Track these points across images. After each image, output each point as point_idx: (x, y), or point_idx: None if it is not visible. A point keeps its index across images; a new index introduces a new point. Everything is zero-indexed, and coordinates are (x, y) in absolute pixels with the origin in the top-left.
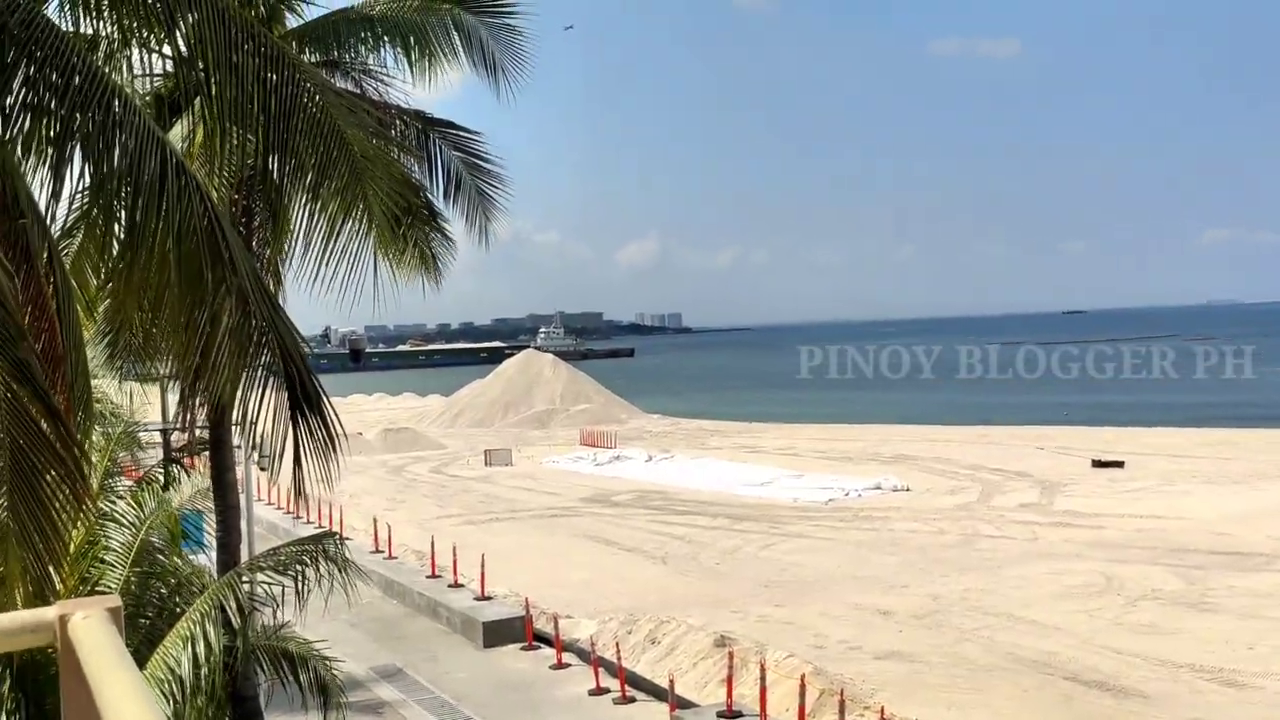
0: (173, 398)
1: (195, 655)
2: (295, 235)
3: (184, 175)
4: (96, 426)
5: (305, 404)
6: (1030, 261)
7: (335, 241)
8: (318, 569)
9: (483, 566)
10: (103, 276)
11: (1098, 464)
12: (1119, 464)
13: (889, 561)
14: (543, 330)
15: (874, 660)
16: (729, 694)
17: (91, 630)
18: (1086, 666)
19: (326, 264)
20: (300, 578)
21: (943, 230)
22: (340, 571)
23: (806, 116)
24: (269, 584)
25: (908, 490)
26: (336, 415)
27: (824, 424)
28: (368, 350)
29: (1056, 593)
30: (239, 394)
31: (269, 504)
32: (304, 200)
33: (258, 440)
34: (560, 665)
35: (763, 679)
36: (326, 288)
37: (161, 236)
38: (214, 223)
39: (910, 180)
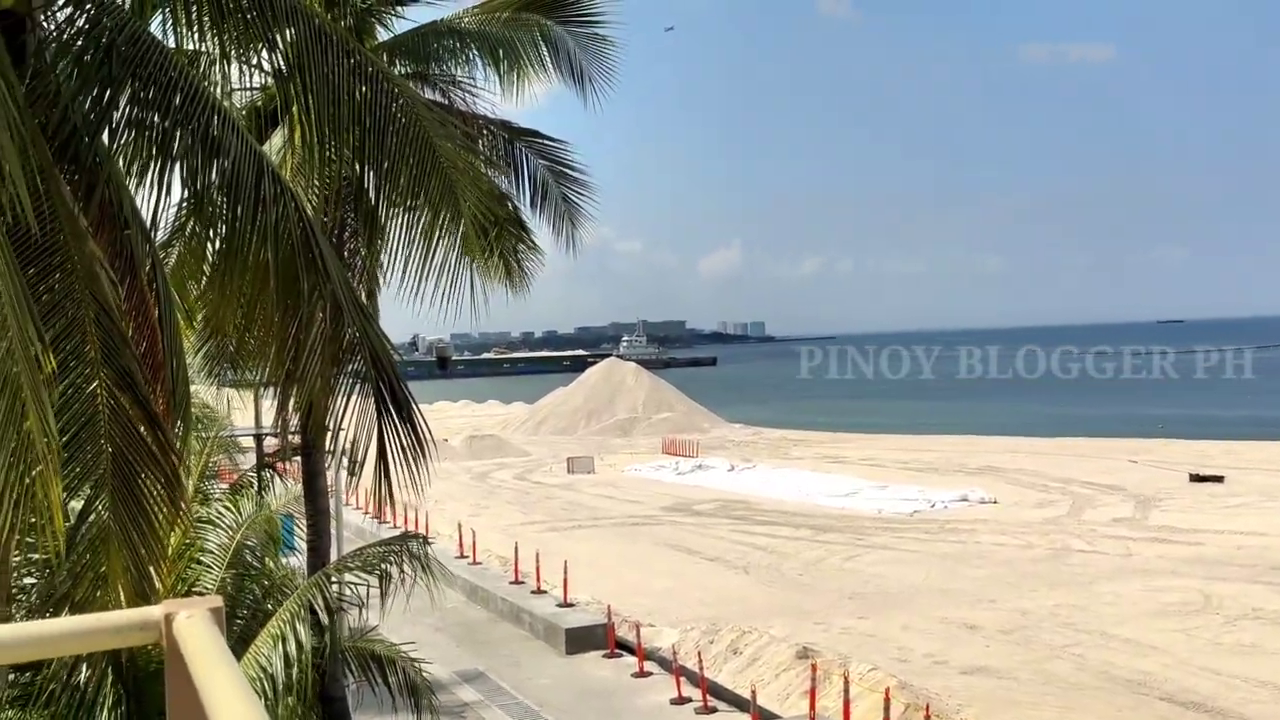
0: (266, 403)
1: (286, 654)
2: (387, 245)
3: (279, 187)
4: (193, 432)
5: (395, 410)
6: (1123, 270)
7: (426, 251)
8: (401, 569)
9: (565, 573)
10: (201, 285)
11: (1196, 478)
12: (1218, 479)
13: (976, 575)
14: (625, 338)
15: (960, 675)
16: (812, 706)
17: (195, 629)
18: (1183, 687)
19: (417, 273)
20: (385, 577)
21: (1031, 238)
22: (424, 571)
23: (892, 124)
24: (356, 584)
25: (995, 503)
26: (425, 421)
27: (908, 434)
28: (454, 358)
29: (1152, 610)
30: (330, 400)
31: (356, 508)
32: (396, 211)
33: (347, 445)
34: (642, 674)
35: (846, 692)
36: (416, 296)
37: (257, 246)
38: (308, 233)
39: (997, 187)
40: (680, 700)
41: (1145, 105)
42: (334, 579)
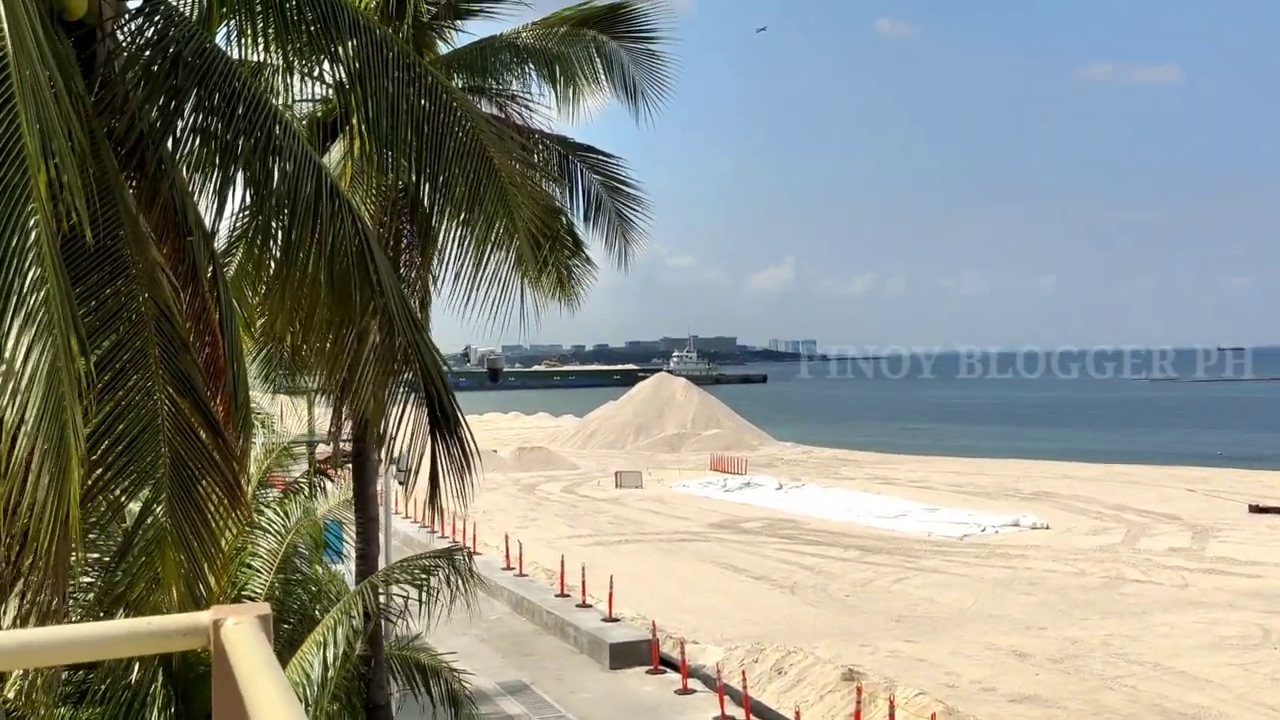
0: (319, 411)
1: (327, 660)
2: (442, 258)
3: (337, 198)
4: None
5: (444, 422)
6: (1185, 296)
7: (479, 263)
8: (447, 582)
9: (611, 588)
10: (260, 294)
11: (1256, 509)
12: None
13: (1026, 601)
14: (676, 354)
15: (1008, 703)
16: None
17: (243, 636)
18: None
19: (469, 285)
20: (428, 589)
21: (1089, 260)
22: (465, 585)
23: (948, 143)
24: (402, 595)
25: (1047, 528)
26: (472, 435)
27: (960, 457)
28: (505, 370)
29: (1208, 643)
30: (382, 410)
31: (406, 517)
32: (452, 225)
33: (397, 455)
34: (685, 690)
35: (892, 716)
36: (470, 309)
37: (314, 257)
38: (364, 245)
39: (1055, 209)
40: (724, 719)
41: (1206, 125)
42: (380, 588)
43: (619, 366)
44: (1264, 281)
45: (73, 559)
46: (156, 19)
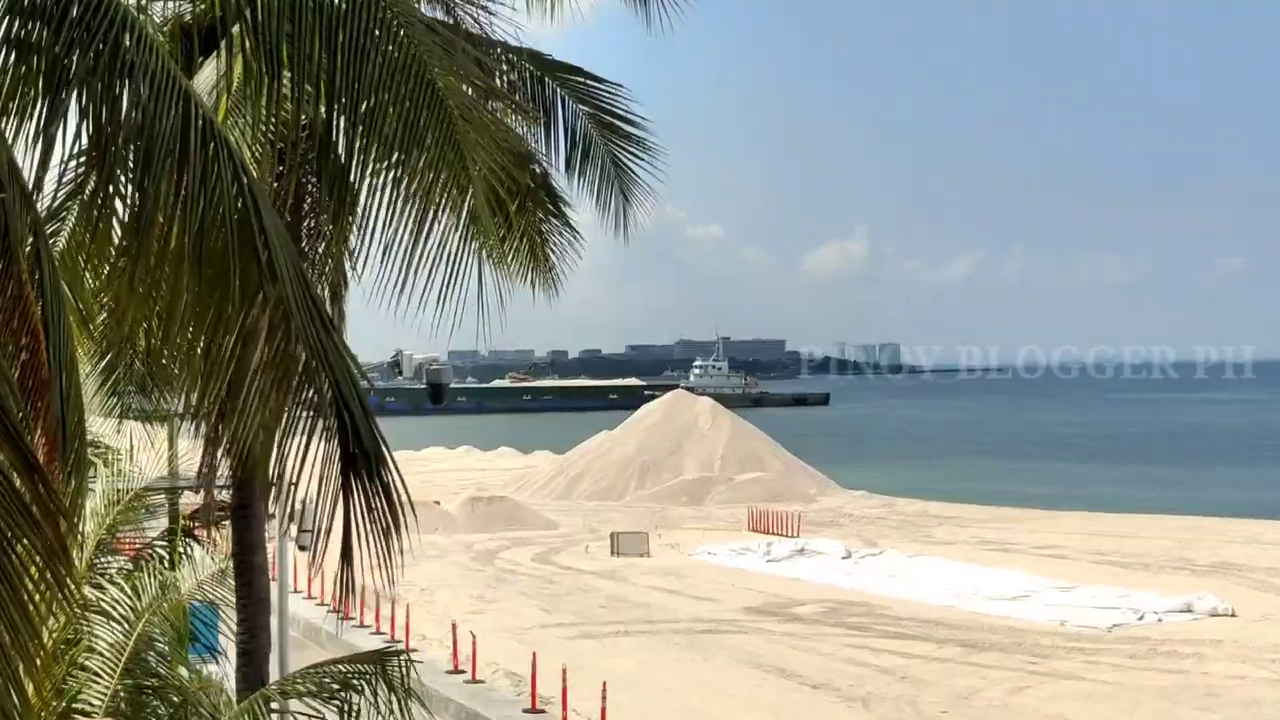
0: (185, 444)
1: None
2: (363, 225)
3: (213, 139)
4: (90, 481)
5: (362, 461)
6: None
7: (421, 234)
8: (375, 700)
9: (604, 700)
10: (101, 277)
11: None
12: None
13: None
14: (699, 363)
15: None
16: None
17: None
18: None
19: (406, 266)
20: (349, 711)
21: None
22: (402, 707)
23: (1087, 77)
24: (308, 715)
25: (1232, 615)
26: (403, 479)
27: (1106, 512)
28: (452, 385)
29: None
30: (274, 443)
31: (308, 598)
32: (378, 178)
33: (297, 508)
34: None
35: None
36: (402, 297)
37: (179, 223)
38: (250, 206)
39: (1244, 167)
40: None
41: None
42: (276, 705)
43: (616, 381)
44: None
45: None
46: None
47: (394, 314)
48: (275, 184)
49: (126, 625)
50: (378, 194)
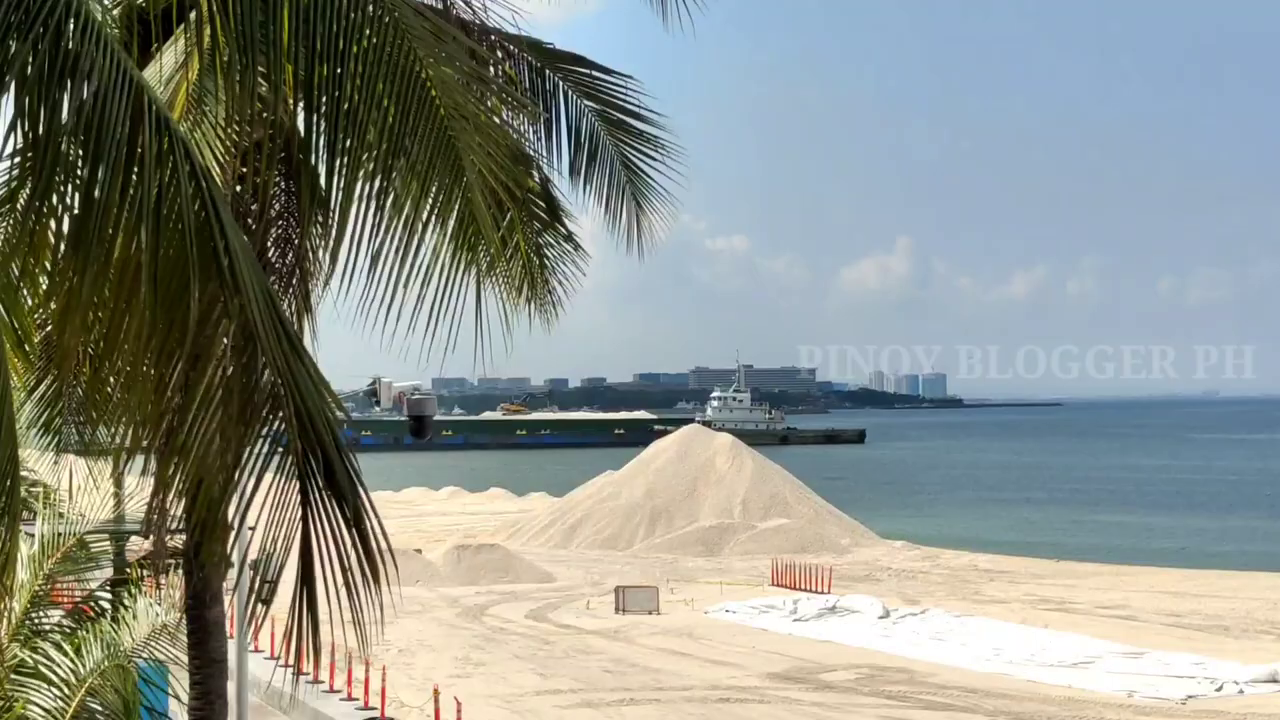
0: (131, 481)
1: None
2: (336, 235)
3: (168, 136)
4: (23, 525)
5: (332, 502)
6: None
7: (408, 249)
8: None
9: None
10: (38, 291)
11: None
12: None
13: None
14: (717, 394)
15: None
16: None
17: None
18: None
19: (389, 279)
20: None
21: None
22: None
23: (1166, 63)
24: None
25: None
26: (381, 523)
27: (1181, 568)
28: (437, 417)
29: None
30: (232, 481)
31: (269, 657)
32: (357, 183)
33: (257, 555)
34: None
35: None
36: (384, 317)
37: (128, 229)
38: (210, 212)
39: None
40: None
41: None
42: None
43: (623, 414)
44: None
45: None
46: None
47: (372, 335)
48: (240, 189)
49: (65, 692)
50: (360, 200)
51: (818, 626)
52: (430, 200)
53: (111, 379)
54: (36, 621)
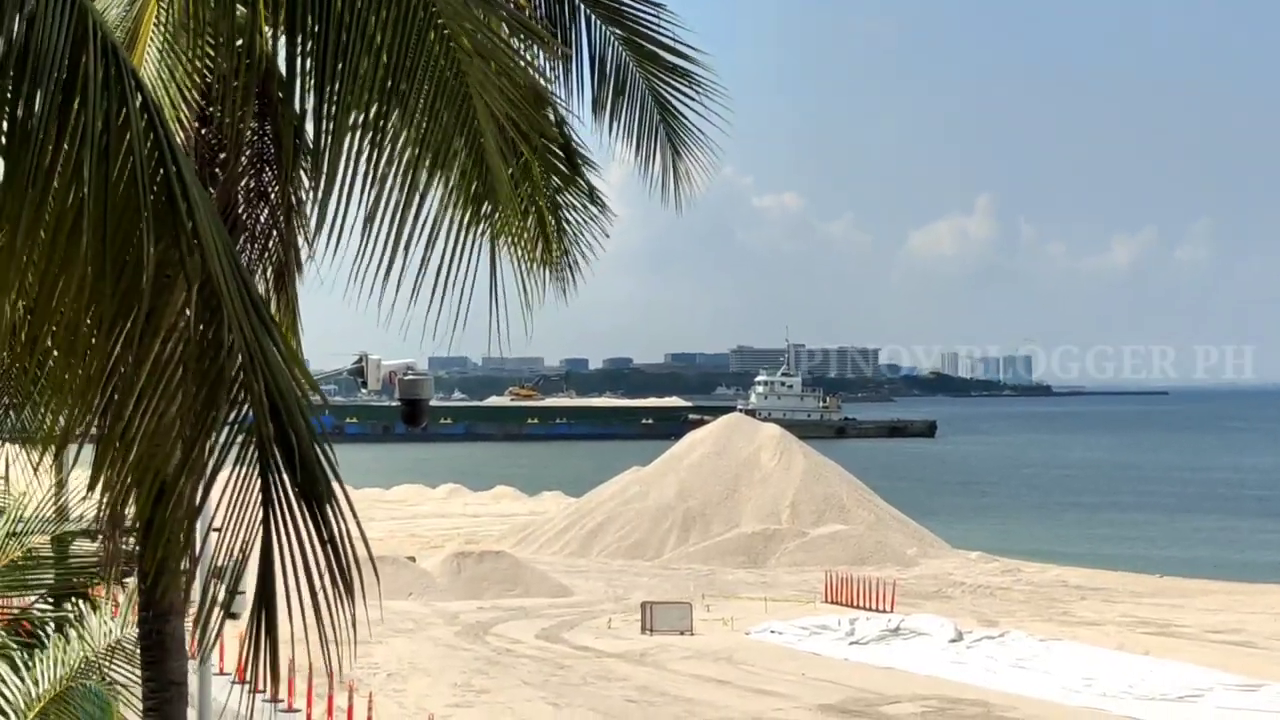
0: (78, 474)
1: None
2: (324, 186)
3: (117, 67)
4: None
5: (304, 501)
6: None
7: (406, 203)
8: None
9: None
10: None
11: None
12: None
13: None
14: (763, 378)
15: None
16: None
17: None
18: None
19: (387, 239)
20: None
21: None
22: None
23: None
24: None
25: None
26: (359, 525)
27: None
28: (434, 402)
29: None
30: (197, 473)
31: (239, 681)
32: (346, 126)
33: (222, 561)
34: None
35: None
36: (379, 281)
37: (69, 176)
38: (167, 160)
39: None
40: None
41: None
42: None
43: (651, 401)
44: None
45: None
46: None
47: (362, 305)
48: (206, 134)
49: (13, 717)
50: (351, 146)
51: (878, 651)
52: (434, 147)
53: (52, 349)
54: None
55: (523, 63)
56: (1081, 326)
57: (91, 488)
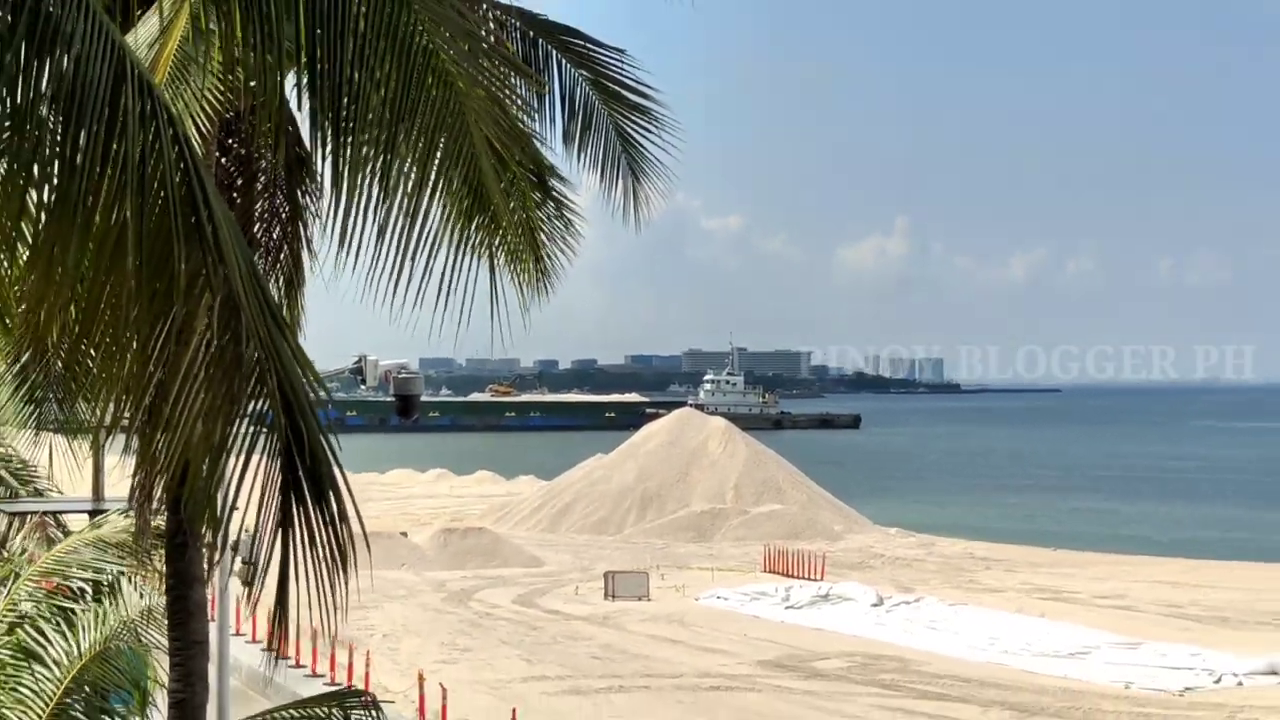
0: (113, 460)
1: None
2: (343, 207)
3: (150, 100)
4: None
5: (309, 482)
6: None
7: (411, 219)
8: None
9: None
10: (19, 262)
11: None
12: None
13: None
14: (710, 377)
15: None
16: None
17: None
18: None
19: (395, 251)
20: None
21: None
22: None
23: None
24: None
25: None
26: (355, 504)
27: (1180, 557)
28: (424, 398)
29: None
30: (218, 459)
31: (251, 640)
32: (351, 149)
33: (237, 537)
34: None
35: None
36: (388, 294)
37: (109, 196)
38: (192, 179)
39: None
40: None
41: None
42: None
43: (614, 397)
44: None
45: None
46: None
47: (364, 312)
48: (221, 158)
49: (55, 675)
50: (361, 169)
51: (810, 614)
52: (432, 169)
53: (90, 351)
54: (15, 601)
55: (512, 95)
56: (986, 331)
57: (135, 471)
